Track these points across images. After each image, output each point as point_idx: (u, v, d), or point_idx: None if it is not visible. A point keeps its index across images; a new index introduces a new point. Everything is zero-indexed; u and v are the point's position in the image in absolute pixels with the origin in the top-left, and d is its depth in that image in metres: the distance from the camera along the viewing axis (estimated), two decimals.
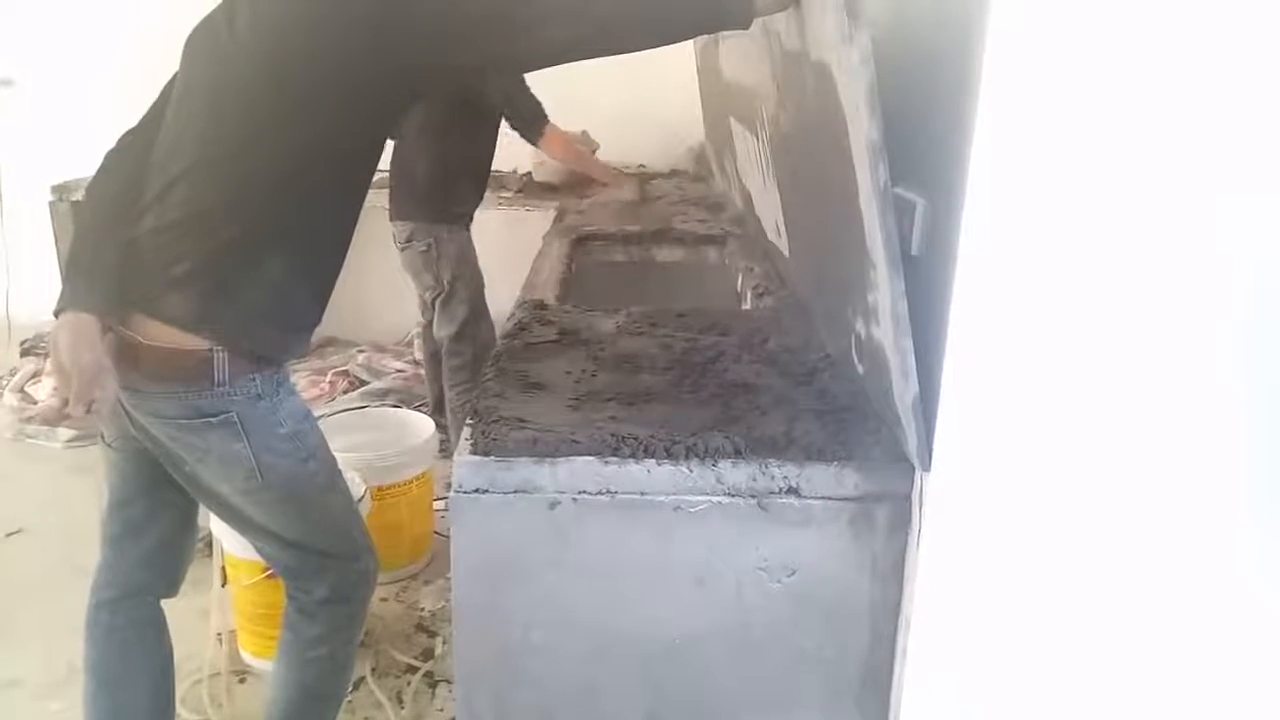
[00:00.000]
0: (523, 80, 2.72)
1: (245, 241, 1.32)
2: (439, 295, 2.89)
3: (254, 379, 1.36)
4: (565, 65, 1.23)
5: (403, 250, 2.88)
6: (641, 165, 3.84)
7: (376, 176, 1.43)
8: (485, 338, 2.89)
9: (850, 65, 0.94)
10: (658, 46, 1.21)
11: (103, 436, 1.51)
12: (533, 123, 2.76)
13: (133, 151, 1.41)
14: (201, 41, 1.38)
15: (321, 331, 3.90)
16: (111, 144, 1.45)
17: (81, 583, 1.57)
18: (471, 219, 2.94)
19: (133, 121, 1.46)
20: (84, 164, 1.43)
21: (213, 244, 1.32)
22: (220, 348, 1.32)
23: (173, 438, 1.37)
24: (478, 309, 2.92)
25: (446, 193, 2.81)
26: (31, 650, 2.13)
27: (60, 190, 3.50)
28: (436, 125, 2.72)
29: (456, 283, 2.86)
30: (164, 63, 1.46)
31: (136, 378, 1.34)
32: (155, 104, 1.45)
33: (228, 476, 1.39)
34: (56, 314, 1.30)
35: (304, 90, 1.28)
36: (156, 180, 1.34)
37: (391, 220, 2.86)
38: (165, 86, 1.45)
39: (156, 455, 1.42)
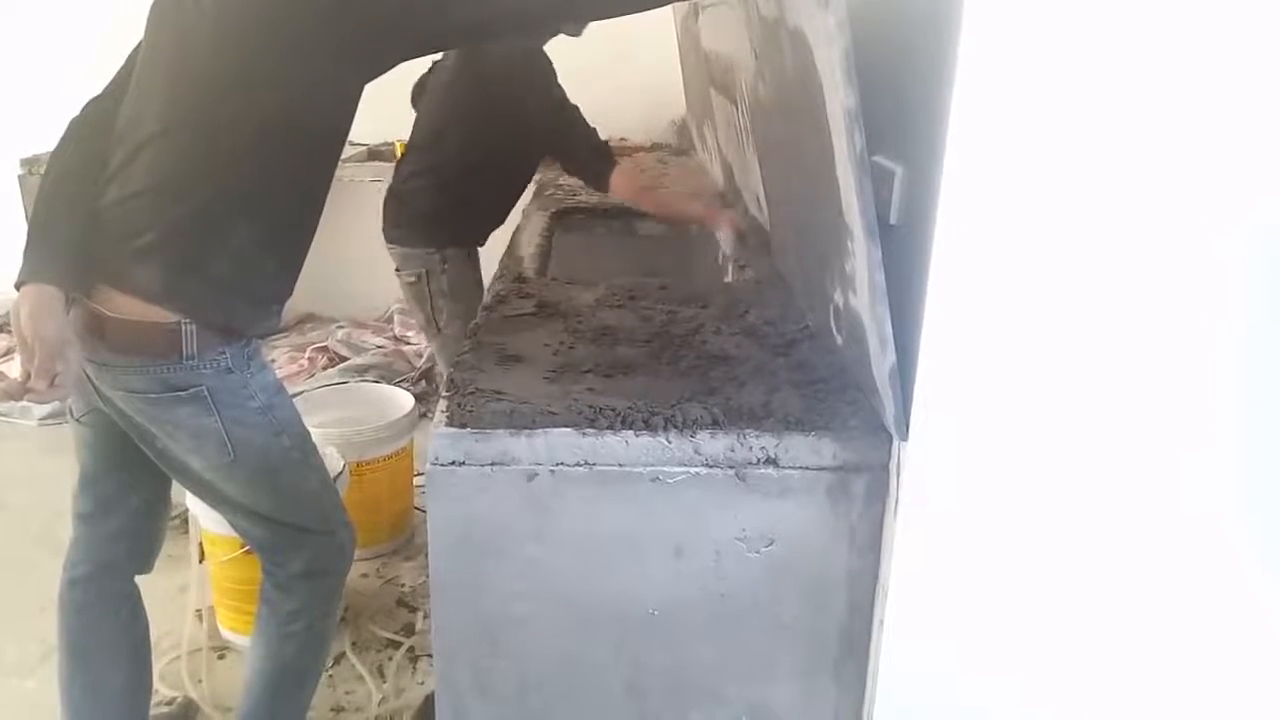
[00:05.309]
0: (578, 116, 2.15)
1: (211, 212, 1.30)
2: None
3: (224, 352, 1.33)
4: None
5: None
6: (623, 138, 3.81)
7: (351, 150, 1.41)
8: None
9: (826, 31, 0.92)
10: (630, 13, 1.18)
11: (71, 412, 1.48)
12: (598, 165, 2.15)
13: (97, 121, 1.37)
14: (165, 10, 1.35)
15: (301, 307, 3.95)
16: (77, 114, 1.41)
17: (57, 560, 1.55)
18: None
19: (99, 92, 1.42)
20: (54, 137, 1.40)
21: (178, 214, 1.29)
22: (188, 320, 1.30)
23: (142, 412, 1.35)
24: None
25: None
26: (6, 628, 2.12)
27: (30, 164, 3.44)
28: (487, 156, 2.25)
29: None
30: (132, 33, 1.42)
31: (103, 351, 1.31)
32: (119, 73, 1.41)
33: (199, 451, 1.37)
34: (18, 286, 1.27)
35: (268, 59, 1.26)
36: (120, 150, 1.32)
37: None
38: (130, 55, 1.41)
39: (126, 430, 1.40)
